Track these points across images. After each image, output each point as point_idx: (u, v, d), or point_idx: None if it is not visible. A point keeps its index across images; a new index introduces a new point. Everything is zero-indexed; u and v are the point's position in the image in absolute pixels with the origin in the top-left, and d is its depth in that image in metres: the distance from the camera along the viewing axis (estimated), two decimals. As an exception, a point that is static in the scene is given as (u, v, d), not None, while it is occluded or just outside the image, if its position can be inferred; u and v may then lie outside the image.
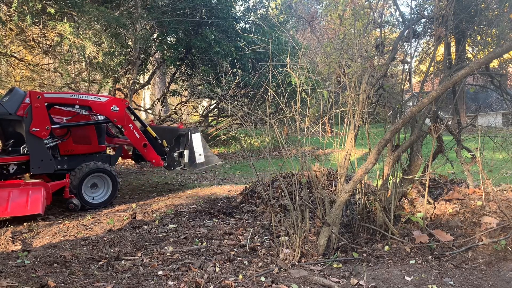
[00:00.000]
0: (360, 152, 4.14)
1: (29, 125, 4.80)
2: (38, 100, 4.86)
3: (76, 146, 5.39)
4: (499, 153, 3.98)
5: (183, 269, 2.98)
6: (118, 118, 5.44)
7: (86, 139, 5.50)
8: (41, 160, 4.87)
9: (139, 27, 9.78)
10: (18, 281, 2.68)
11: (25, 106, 4.88)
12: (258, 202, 4.95)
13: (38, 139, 4.86)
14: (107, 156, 5.72)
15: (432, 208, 3.74)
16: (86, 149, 5.48)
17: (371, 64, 3.62)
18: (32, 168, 4.84)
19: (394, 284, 2.70)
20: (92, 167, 5.18)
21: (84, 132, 5.50)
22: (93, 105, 5.28)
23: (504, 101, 4.30)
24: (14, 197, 4.41)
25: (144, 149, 5.63)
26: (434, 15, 3.68)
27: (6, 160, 4.80)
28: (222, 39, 10.78)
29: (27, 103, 4.89)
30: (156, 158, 5.70)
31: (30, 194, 4.50)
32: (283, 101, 3.37)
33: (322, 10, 22.77)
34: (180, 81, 13.60)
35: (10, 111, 4.82)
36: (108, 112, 5.39)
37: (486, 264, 3.03)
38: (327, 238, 3.23)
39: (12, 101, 4.92)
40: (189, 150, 5.83)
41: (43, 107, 4.90)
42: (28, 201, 4.42)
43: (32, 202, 4.42)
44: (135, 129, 5.57)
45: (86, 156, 5.44)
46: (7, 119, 4.90)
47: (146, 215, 4.68)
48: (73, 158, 5.31)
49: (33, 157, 4.83)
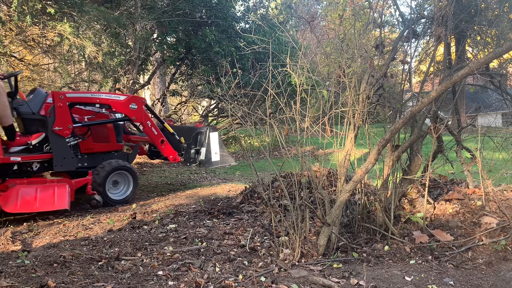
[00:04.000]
0: (360, 152, 4.14)
1: (52, 124, 4.95)
2: (60, 100, 5.01)
3: (96, 144, 5.52)
4: (499, 153, 3.98)
5: (183, 269, 2.98)
6: (137, 115, 5.56)
7: (105, 137, 5.64)
8: (63, 158, 5.03)
9: (139, 27, 9.78)
10: (18, 281, 2.68)
11: (47, 105, 5.05)
12: (258, 202, 4.95)
13: (61, 138, 5.02)
14: (124, 154, 5.86)
15: (432, 208, 3.74)
16: (105, 148, 5.61)
17: (371, 64, 3.62)
18: (55, 166, 4.98)
19: (394, 284, 2.70)
20: (115, 165, 5.34)
21: (103, 130, 5.63)
22: (113, 103, 5.42)
23: (504, 101, 4.30)
24: (41, 193, 4.58)
25: (161, 146, 5.74)
26: (434, 15, 3.68)
27: (30, 158, 4.91)
28: (222, 39, 10.77)
29: (49, 103, 5.05)
30: (173, 154, 5.82)
31: (56, 191, 4.68)
32: (283, 101, 3.37)
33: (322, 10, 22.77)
34: (180, 81, 13.60)
35: (33, 110, 5.00)
36: (127, 110, 5.51)
37: (486, 264, 3.03)
38: (327, 238, 3.23)
39: (35, 101, 5.08)
40: (206, 148, 5.96)
41: (65, 106, 5.05)
42: (54, 197, 4.61)
43: (59, 198, 4.62)
44: (153, 126, 5.69)
45: (105, 154, 5.58)
46: (30, 118, 5.03)
47: (146, 215, 4.68)
48: (93, 156, 5.45)
49: (56, 155, 4.98)
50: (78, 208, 5.13)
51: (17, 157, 4.77)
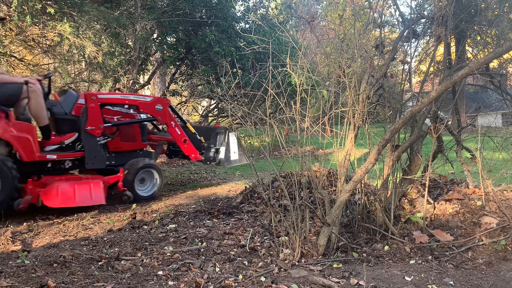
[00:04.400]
0: (360, 152, 4.14)
1: (85, 124, 5.24)
2: (93, 100, 5.30)
3: (123, 143, 5.76)
4: (499, 153, 3.98)
5: (183, 269, 2.98)
6: (162, 116, 5.82)
7: (131, 137, 5.87)
8: (94, 156, 5.29)
9: (139, 27, 9.78)
10: (18, 281, 2.68)
11: (78, 106, 5.30)
12: (258, 202, 4.95)
13: (92, 137, 5.29)
14: (149, 153, 6.10)
15: (432, 208, 3.74)
16: (132, 146, 5.86)
17: (371, 64, 3.62)
18: (86, 164, 5.25)
19: (394, 284, 2.70)
20: (143, 163, 5.58)
21: (130, 130, 5.86)
22: (140, 104, 5.69)
23: (504, 101, 4.30)
24: (79, 189, 4.86)
25: (184, 145, 5.97)
26: (434, 15, 3.68)
27: (64, 156, 5.16)
28: (222, 39, 10.77)
29: (80, 103, 5.31)
30: (194, 153, 6.06)
31: (92, 187, 4.95)
32: (283, 101, 3.37)
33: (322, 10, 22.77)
34: (180, 81, 13.59)
35: (66, 111, 5.27)
36: (153, 111, 5.77)
37: (486, 264, 3.03)
38: (327, 238, 3.23)
39: (67, 102, 5.33)
40: (226, 147, 6.24)
41: (97, 107, 5.33)
42: (91, 193, 4.89)
43: (95, 194, 4.90)
44: (177, 126, 5.93)
45: (130, 153, 5.81)
46: (63, 118, 5.28)
47: (146, 215, 4.68)
48: (120, 155, 5.70)
49: (88, 153, 5.25)
50: (78, 208, 5.13)
51: (53, 155, 5.01)
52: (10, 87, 4.78)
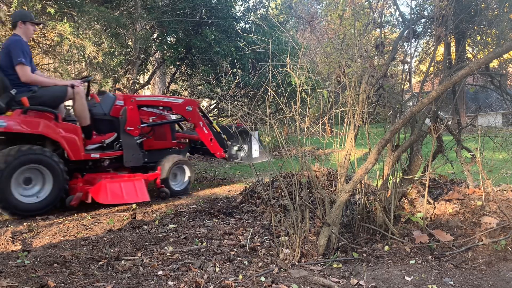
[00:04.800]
0: (360, 152, 4.13)
1: (124, 124, 5.56)
2: (131, 103, 5.65)
3: (156, 142, 6.06)
4: (499, 153, 3.98)
5: (183, 269, 2.98)
6: (192, 116, 6.14)
7: (163, 136, 6.16)
8: (132, 155, 5.61)
9: (139, 27, 9.78)
10: (18, 281, 2.68)
11: (115, 107, 5.63)
12: (258, 202, 4.94)
13: (131, 137, 5.62)
14: (178, 150, 6.41)
15: (432, 208, 3.74)
16: (163, 145, 6.17)
17: (371, 64, 3.62)
18: (125, 162, 5.55)
19: (394, 284, 2.70)
20: (177, 159, 5.89)
21: (162, 130, 6.17)
22: (173, 106, 6.05)
23: (504, 101, 4.30)
24: (125, 187, 5.10)
25: (210, 143, 6.26)
26: (434, 15, 3.68)
27: (106, 155, 5.44)
28: (222, 39, 10.77)
29: (117, 105, 5.64)
30: (219, 151, 6.33)
31: (136, 184, 5.20)
32: (283, 101, 3.37)
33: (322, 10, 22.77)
34: (180, 81, 13.60)
35: (105, 112, 5.61)
36: (184, 111, 6.10)
37: (486, 264, 3.03)
38: (327, 238, 3.23)
39: (106, 103, 5.67)
40: (248, 145, 6.57)
41: (135, 109, 5.67)
42: (136, 190, 5.14)
43: (139, 191, 5.16)
44: (204, 126, 6.22)
45: (162, 151, 6.09)
46: (102, 118, 5.60)
47: (146, 215, 4.68)
48: (153, 153, 5.99)
49: (126, 152, 5.55)
50: (78, 208, 5.13)
51: (97, 154, 5.31)
52: (56, 89, 5.05)
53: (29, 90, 4.87)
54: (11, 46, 4.83)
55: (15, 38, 4.93)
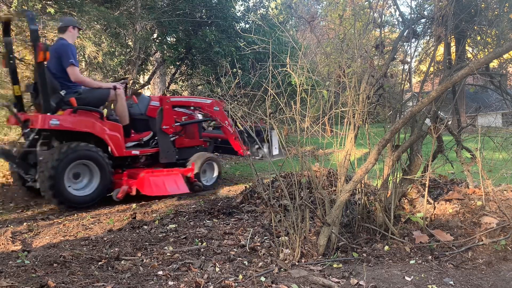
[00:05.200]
0: (360, 152, 4.13)
1: (160, 123, 5.97)
2: (167, 103, 6.09)
3: (186, 140, 6.45)
4: (499, 153, 3.98)
5: (183, 269, 2.98)
6: (219, 116, 6.54)
7: (192, 134, 6.56)
8: (167, 152, 6.01)
9: (139, 27, 9.79)
10: (18, 281, 2.68)
11: (151, 108, 6.05)
12: (258, 202, 4.94)
13: (166, 135, 6.03)
14: (205, 148, 6.73)
15: (432, 208, 3.74)
16: (192, 143, 6.55)
17: (371, 64, 3.61)
18: (160, 158, 5.95)
19: (394, 284, 2.70)
20: (207, 156, 6.26)
21: (191, 128, 6.57)
22: (203, 106, 6.50)
23: (504, 101, 4.30)
24: (166, 181, 5.51)
25: (234, 141, 6.60)
26: (434, 15, 3.68)
27: (144, 152, 5.87)
28: (222, 39, 10.77)
29: (152, 105, 6.05)
30: (242, 149, 6.61)
31: (176, 178, 5.64)
32: (283, 101, 3.37)
33: (322, 10, 22.77)
34: (180, 81, 13.60)
35: (142, 112, 6.04)
36: (211, 111, 6.52)
37: (486, 264, 3.03)
38: (327, 238, 3.23)
39: (142, 104, 6.09)
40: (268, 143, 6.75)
41: (170, 109, 6.10)
42: (177, 183, 5.59)
43: (180, 184, 5.62)
44: (229, 125, 6.52)
45: (191, 148, 6.48)
46: (139, 118, 6.03)
47: (146, 215, 4.68)
48: (183, 150, 6.37)
49: (162, 149, 5.97)
50: (78, 208, 5.13)
51: (137, 150, 5.74)
52: (100, 91, 5.48)
53: (75, 91, 5.22)
54: (60, 49, 5.14)
55: (64, 42, 5.26)
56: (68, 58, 5.09)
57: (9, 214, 4.85)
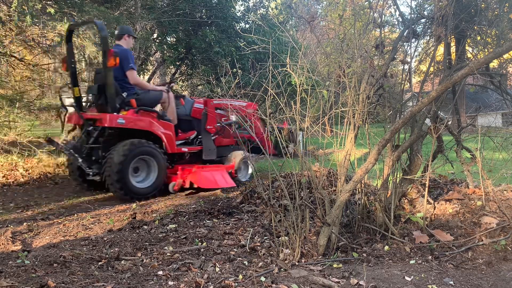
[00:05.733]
0: (360, 152, 4.13)
1: (204, 124, 6.56)
2: (211, 105, 6.68)
3: (223, 139, 6.91)
4: (499, 153, 3.98)
5: (183, 269, 2.98)
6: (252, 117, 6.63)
7: (228, 134, 6.91)
8: (209, 149, 6.53)
9: (139, 27, 9.79)
10: (18, 281, 2.68)
11: (195, 109, 6.63)
12: (258, 202, 4.94)
13: (209, 134, 6.60)
14: (238, 147, 7.14)
15: (432, 208, 3.73)
16: (228, 142, 7.02)
17: (371, 64, 3.62)
18: (204, 156, 6.47)
19: (394, 284, 2.70)
20: (244, 155, 6.63)
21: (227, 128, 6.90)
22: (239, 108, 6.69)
23: (504, 101, 4.30)
24: (215, 175, 6.03)
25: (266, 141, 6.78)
26: (434, 15, 3.68)
27: (191, 149, 6.44)
28: (222, 39, 10.77)
29: (196, 107, 6.64)
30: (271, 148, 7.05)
31: (222, 173, 6.15)
32: (283, 101, 3.37)
33: (322, 10, 22.77)
34: (180, 81, 13.59)
35: (187, 113, 6.61)
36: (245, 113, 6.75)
37: (486, 264, 3.03)
38: (327, 238, 3.23)
39: (187, 106, 6.65)
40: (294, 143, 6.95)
41: (213, 111, 6.68)
42: (224, 178, 6.08)
43: (227, 179, 6.12)
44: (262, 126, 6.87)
45: (225, 147, 6.94)
46: (185, 119, 6.58)
47: (146, 215, 4.68)
48: (220, 149, 6.82)
49: (205, 147, 6.50)
50: (78, 208, 5.14)
51: (185, 148, 6.33)
52: (154, 93, 6.08)
53: (134, 93, 5.78)
54: (121, 55, 5.56)
55: (123, 49, 5.84)
56: (128, 62, 5.67)
57: (9, 214, 4.85)
